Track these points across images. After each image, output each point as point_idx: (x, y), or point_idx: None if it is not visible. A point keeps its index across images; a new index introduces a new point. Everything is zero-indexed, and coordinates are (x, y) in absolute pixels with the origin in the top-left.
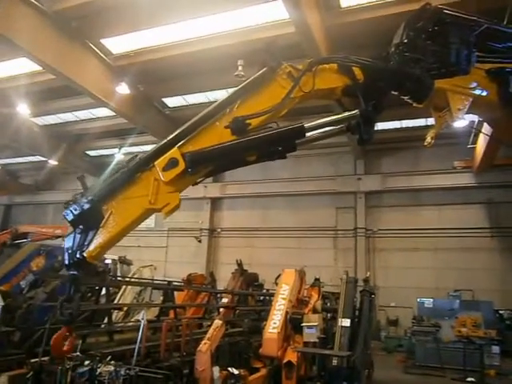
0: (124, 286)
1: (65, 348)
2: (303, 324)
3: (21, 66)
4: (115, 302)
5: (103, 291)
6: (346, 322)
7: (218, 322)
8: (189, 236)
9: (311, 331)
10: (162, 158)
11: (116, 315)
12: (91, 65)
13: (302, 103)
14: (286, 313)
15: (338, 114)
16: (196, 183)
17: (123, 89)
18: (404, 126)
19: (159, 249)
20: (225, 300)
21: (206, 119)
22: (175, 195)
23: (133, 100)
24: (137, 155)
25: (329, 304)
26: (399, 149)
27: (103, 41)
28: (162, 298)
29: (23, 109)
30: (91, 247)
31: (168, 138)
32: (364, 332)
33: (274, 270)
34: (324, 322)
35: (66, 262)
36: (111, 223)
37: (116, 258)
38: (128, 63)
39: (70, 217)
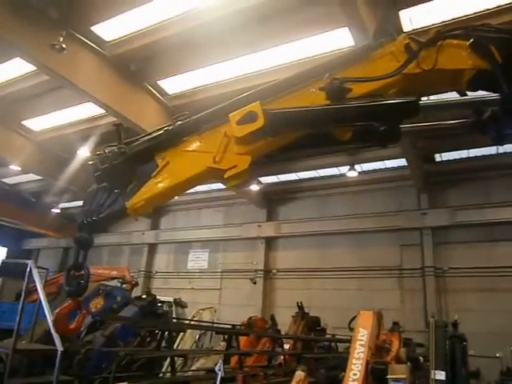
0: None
1: (71, 326)
2: (389, 376)
3: (81, 110)
4: (174, 347)
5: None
6: (441, 375)
7: (300, 374)
8: (243, 278)
9: None
10: (240, 110)
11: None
12: (149, 106)
13: (416, 88)
14: (367, 362)
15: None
16: (269, 156)
17: None
18: (472, 155)
19: (212, 291)
20: (286, 346)
21: (298, 80)
22: (245, 158)
23: None
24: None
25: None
26: (467, 180)
27: (160, 82)
28: (222, 343)
29: (83, 152)
30: (135, 198)
31: (248, 93)
32: None
33: (335, 314)
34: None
35: (80, 222)
36: (165, 175)
37: (171, 299)
38: (184, 102)
39: (95, 171)
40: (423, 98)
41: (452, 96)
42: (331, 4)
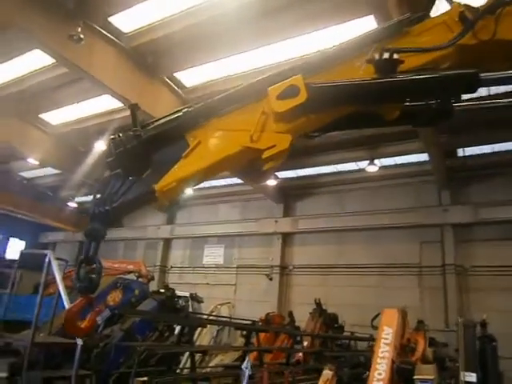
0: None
1: (82, 325)
2: (416, 377)
3: (98, 104)
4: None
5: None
6: (471, 377)
7: (328, 374)
8: (259, 273)
9: None
10: (279, 83)
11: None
12: (165, 98)
13: (472, 62)
14: (392, 362)
15: None
16: (309, 136)
17: None
18: (496, 149)
19: (228, 286)
20: (304, 343)
21: (341, 53)
22: (285, 137)
23: None
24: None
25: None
26: (491, 175)
27: (176, 74)
28: (240, 339)
29: (100, 146)
30: (164, 179)
31: (287, 67)
32: None
33: (352, 311)
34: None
35: (91, 211)
36: (197, 155)
37: (187, 294)
38: (200, 95)
39: (108, 157)
40: None
41: None
42: None
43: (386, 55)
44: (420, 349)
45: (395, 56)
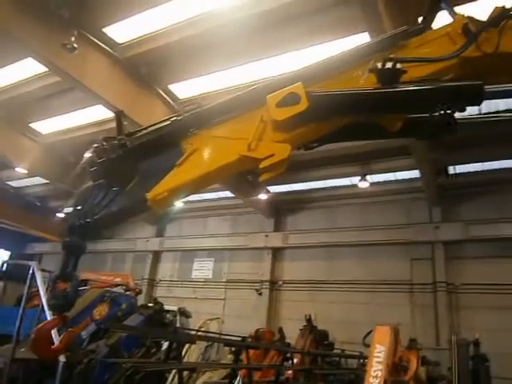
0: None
1: (54, 346)
2: None
3: (89, 114)
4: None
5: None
6: None
7: None
8: (248, 288)
9: None
10: (279, 91)
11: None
12: (158, 110)
13: (475, 75)
14: (385, 381)
15: None
16: (308, 147)
17: None
18: (487, 168)
19: (217, 301)
20: (294, 360)
21: (342, 62)
22: (284, 146)
23: None
24: None
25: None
26: (481, 193)
27: (170, 86)
28: (229, 355)
29: (85, 154)
30: (157, 188)
31: (285, 75)
32: None
33: (342, 328)
34: None
35: (70, 224)
36: (192, 163)
37: (175, 308)
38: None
39: (91, 166)
40: None
41: None
42: (351, 8)
43: (389, 65)
44: (413, 368)
45: (398, 66)
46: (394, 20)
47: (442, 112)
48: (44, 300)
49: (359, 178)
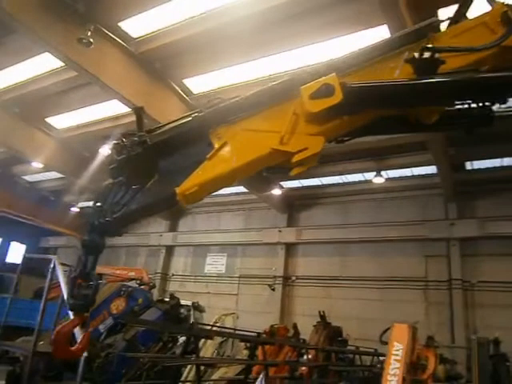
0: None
1: (74, 348)
2: None
3: (105, 108)
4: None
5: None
6: None
7: None
8: (261, 284)
9: None
10: (313, 82)
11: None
12: (173, 104)
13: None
14: (403, 379)
15: None
16: (339, 141)
17: None
18: (505, 164)
19: (229, 296)
20: (308, 356)
21: (377, 52)
22: (317, 139)
23: None
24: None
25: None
26: (499, 190)
27: (185, 81)
28: (244, 351)
29: (104, 151)
30: (187, 182)
31: (317, 65)
32: None
33: (355, 324)
34: None
35: (91, 222)
36: (222, 157)
37: (189, 303)
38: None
39: (110, 163)
40: None
41: None
42: (370, 0)
43: (427, 55)
44: (431, 366)
45: (436, 56)
46: (413, 13)
47: (481, 104)
48: (65, 294)
49: (374, 173)
